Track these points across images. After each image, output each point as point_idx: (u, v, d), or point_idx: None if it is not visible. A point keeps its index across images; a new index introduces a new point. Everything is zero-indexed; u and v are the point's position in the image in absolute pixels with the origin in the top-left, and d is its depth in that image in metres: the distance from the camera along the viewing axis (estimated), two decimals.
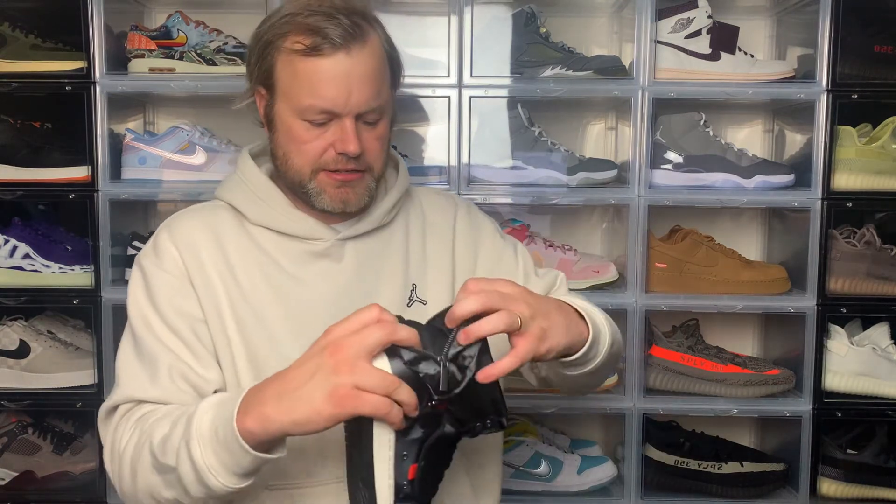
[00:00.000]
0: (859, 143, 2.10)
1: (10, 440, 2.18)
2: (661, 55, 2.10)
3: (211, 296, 1.30)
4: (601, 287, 2.15)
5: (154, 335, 1.28)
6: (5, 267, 2.12)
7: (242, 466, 1.08)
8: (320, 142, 1.28)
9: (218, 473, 1.08)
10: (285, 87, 1.28)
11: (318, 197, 1.31)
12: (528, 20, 2.13)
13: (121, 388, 1.28)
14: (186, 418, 1.12)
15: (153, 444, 1.15)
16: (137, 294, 1.31)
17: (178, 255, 1.31)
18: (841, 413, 2.13)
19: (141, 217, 2.33)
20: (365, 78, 1.26)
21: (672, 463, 2.19)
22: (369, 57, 1.27)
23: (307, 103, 1.26)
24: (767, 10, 2.33)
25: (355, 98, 1.25)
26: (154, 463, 1.15)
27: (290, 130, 1.29)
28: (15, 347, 2.13)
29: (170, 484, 1.14)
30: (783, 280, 2.17)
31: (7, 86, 2.06)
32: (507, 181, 2.14)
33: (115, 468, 1.23)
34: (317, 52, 1.23)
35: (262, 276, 1.32)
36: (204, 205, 1.41)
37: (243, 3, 2.26)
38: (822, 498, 2.15)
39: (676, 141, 2.15)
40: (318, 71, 1.24)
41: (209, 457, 1.08)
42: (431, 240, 1.43)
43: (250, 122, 1.43)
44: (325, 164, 1.29)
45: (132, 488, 1.20)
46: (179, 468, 1.11)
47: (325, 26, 1.23)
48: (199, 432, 1.09)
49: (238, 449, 1.06)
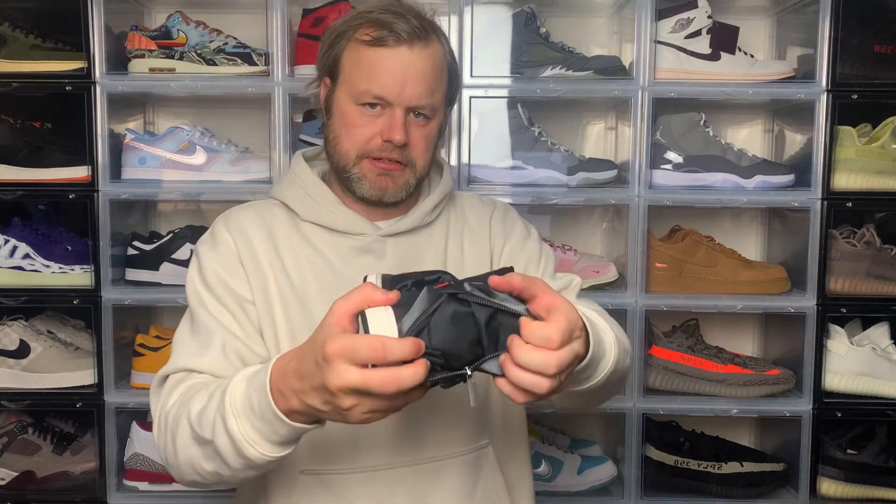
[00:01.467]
0: (859, 143, 2.10)
1: (10, 440, 2.18)
2: (661, 55, 2.10)
3: (260, 280, 1.35)
4: (601, 287, 2.15)
5: (208, 312, 1.33)
6: (5, 267, 2.12)
7: (280, 435, 1.08)
8: (370, 128, 1.33)
9: (256, 443, 1.08)
10: (347, 73, 1.35)
11: (359, 183, 1.36)
12: (528, 20, 2.14)
13: (172, 359, 1.32)
14: (221, 391, 1.14)
15: (191, 416, 1.16)
16: (194, 277, 1.37)
17: (231, 240, 1.38)
18: (841, 413, 2.13)
19: (141, 217, 2.33)
20: (421, 74, 1.32)
21: (672, 463, 2.19)
22: (429, 57, 1.33)
23: (364, 88, 1.32)
24: (767, 10, 2.33)
25: (409, 91, 1.31)
26: (193, 435, 1.17)
27: (345, 114, 1.35)
28: (15, 347, 2.13)
29: (209, 456, 1.16)
30: (783, 280, 2.17)
31: (7, 86, 2.06)
32: (507, 181, 2.14)
33: (160, 438, 1.25)
34: (381, 43, 1.31)
35: (310, 267, 1.37)
36: (259, 201, 1.48)
37: (243, 3, 2.26)
38: (822, 498, 2.15)
39: (676, 141, 2.14)
40: (378, 59, 1.31)
41: (246, 428, 1.08)
42: (469, 242, 1.48)
43: (250, 122, 1.45)
44: (370, 150, 1.34)
45: (174, 459, 1.21)
46: (216, 440, 1.12)
47: (393, 21, 1.31)
48: (233, 405, 1.09)
49: (274, 418, 1.06)
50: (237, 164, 2.13)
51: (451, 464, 1.36)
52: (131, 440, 2.16)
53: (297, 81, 2.07)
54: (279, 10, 2.05)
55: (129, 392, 2.13)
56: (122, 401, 2.11)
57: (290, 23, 2.10)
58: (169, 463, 1.24)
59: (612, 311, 2.11)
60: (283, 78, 2.06)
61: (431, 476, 1.34)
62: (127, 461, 2.16)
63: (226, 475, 1.17)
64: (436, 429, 1.35)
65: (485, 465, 1.40)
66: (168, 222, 2.35)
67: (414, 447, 1.33)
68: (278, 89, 2.05)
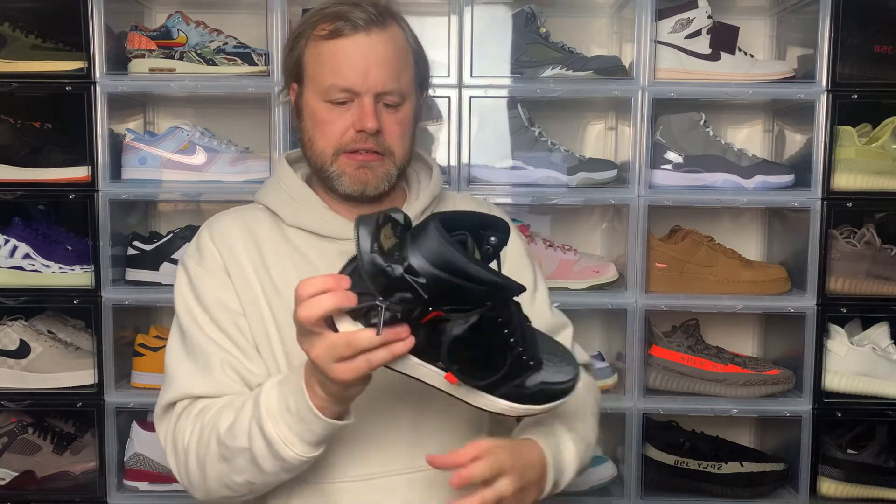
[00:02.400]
0: (859, 143, 2.10)
1: (10, 440, 2.18)
2: (661, 55, 2.10)
3: (248, 291, 1.35)
4: (601, 287, 2.15)
5: (202, 331, 1.32)
6: (5, 267, 2.12)
7: (315, 434, 1.15)
8: (341, 122, 1.33)
9: (292, 444, 1.16)
10: (311, 71, 1.35)
11: (339, 179, 1.36)
12: (528, 20, 2.13)
13: (174, 384, 1.32)
14: (252, 400, 1.19)
15: (220, 434, 1.21)
16: (184, 292, 1.36)
17: (216, 252, 1.37)
18: (841, 413, 2.13)
19: (141, 217, 2.33)
20: (384, 59, 1.32)
21: (672, 463, 2.19)
22: (389, 41, 1.33)
23: (329, 82, 1.32)
24: (767, 10, 2.33)
25: (373, 77, 1.31)
26: (222, 452, 1.21)
27: (315, 113, 1.35)
28: (15, 347, 2.13)
29: (240, 469, 1.20)
30: (783, 280, 2.17)
31: (7, 86, 2.06)
32: (507, 181, 2.14)
33: (179, 464, 1.28)
34: (338, 34, 1.31)
35: (296, 274, 1.34)
36: (244, 207, 1.46)
37: (243, 3, 2.26)
38: (822, 498, 2.15)
39: (676, 141, 2.14)
40: (338, 51, 1.31)
41: (282, 429, 1.15)
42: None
43: (250, 122, 1.45)
44: (345, 144, 1.34)
45: (201, 480, 1.25)
46: (252, 446, 1.17)
47: (347, 11, 1.31)
48: (268, 409, 1.16)
49: (311, 417, 1.14)
50: (237, 164, 2.13)
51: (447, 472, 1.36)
52: (131, 440, 2.16)
53: None
54: (279, 10, 2.05)
55: (129, 392, 2.13)
56: (122, 401, 2.11)
57: (290, 23, 2.10)
58: (193, 485, 1.28)
59: (613, 311, 2.13)
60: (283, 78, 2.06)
61: (427, 483, 1.34)
62: (127, 461, 2.16)
63: (258, 483, 1.22)
64: (431, 436, 1.34)
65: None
66: (168, 222, 2.35)
67: (409, 455, 1.33)
68: (278, 89, 2.05)
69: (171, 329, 1.38)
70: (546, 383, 1.11)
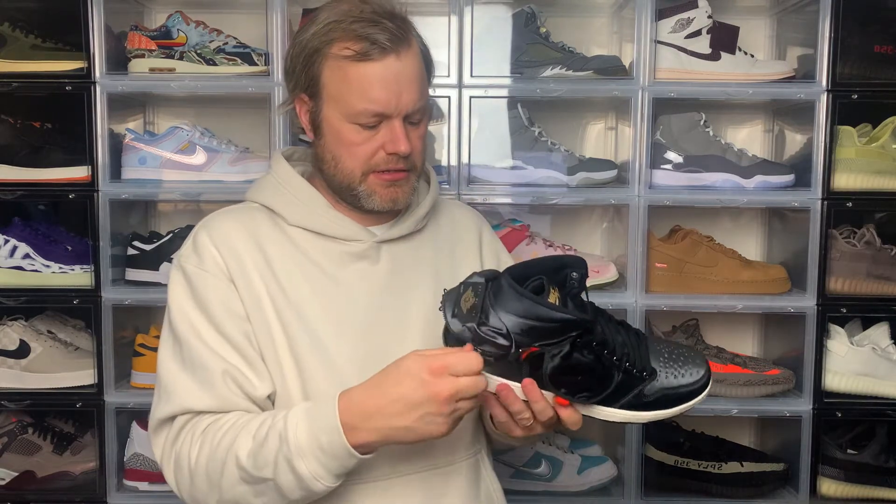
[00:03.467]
0: (859, 143, 2.10)
1: (10, 440, 2.18)
2: (661, 55, 2.10)
3: (253, 295, 1.32)
4: (601, 287, 2.15)
5: (202, 341, 1.28)
6: (5, 267, 2.12)
7: (346, 468, 1.19)
8: (371, 144, 1.31)
9: (323, 479, 1.19)
10: (334, 92, 1.30)
11: (369, 198, 1.34)
12: (528, 20, 2.13)
13: (172, 398, 1.29)
14: (277, 434, 1.19)
15: (240, 460, 1.20)
16: (181, 299, 1.32)
17: (218, 256, 1.33)
18: (841, 413, 2.13)
19: (141, 217, 2.33)
20: (412, 79, 1.30)
21: (672, 463, 2.19)
22: (414, 58, 1.31)
23: (360, 108, 1.29)
24: (767, 10, 2.33)
25: (405, 99, 1.29)
26: (243, 476, 1.21)
27: (340, 134, 1.31)
28: (15, 347, 2.13)
29: (261, 492, 1.22)
30: (783, 280, 2.17)
31: (7, 86, 2.06)
32: (507, 181, 2.14)
33: (183, 481, 1.27)
34: (367, 57, 1.27)
35: (302, 276, 1.34)
36: (238, 206, 1.43)
37: (243, 3, 2.26)
38: (822, 498, 2.15)
39: (676, 141, 2.15)
40: (369, 75, 1.27)
41: (314, 466, 1.18)
42: (460, 248, 1.48)
43: (250, 122, 1.44)
44: (375, 165, 1.32)
45: (211, 496, 1.25)
46: (279, 479, 1.19)
47: (372, 32, 1.27)
48: (297, 447, 1.17)
49: (346, 455, 1.17)
50: (237, 164, 2.13)
51: (458, 468, 1.37)
52: (131, 440, 2.16)
53: None
54: (279, 10, 2.05)
55: (129, 392, 2.13)
56: (122, 401, 2.11)
57: (290, 23, 2.10)
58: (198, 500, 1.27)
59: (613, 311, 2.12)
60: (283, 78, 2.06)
61: (440, 482, 1.35)
62: (127, 461, 2.16)
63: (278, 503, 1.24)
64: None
65: (482, 468, 1.42)
66: (168, 222, 2.35)
67: (423, 455, 1.33)
68: (278, 89, 2.05)
69: (163, 335, 1.34)
70: (667, 388, 1.21)
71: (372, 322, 1.34)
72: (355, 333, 1.32)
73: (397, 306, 1.37)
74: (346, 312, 1.34)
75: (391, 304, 1.36)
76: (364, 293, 1.36)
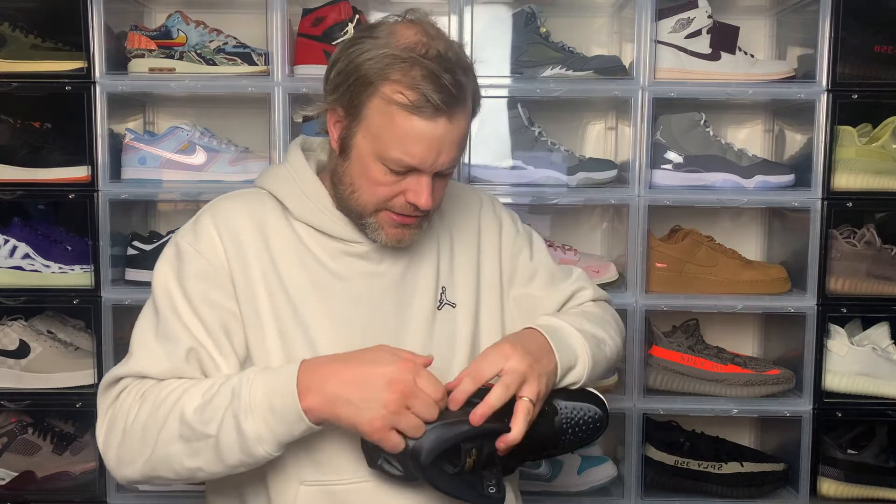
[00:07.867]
0: (859, 143, 2.10)
1: (10, 440, 2.18)
2: (661, 55, 2.10)
3: (249, 286, 1.31)
4: (601, 287, 2.14)
5: (178, 318, 1.29)
6: (5, 267, 2.12)
7: (293, 435, 1.19)
8: (394, 188, 1.29)
9: (266, 443, 1.18)
10: (375, 129, 1.26)
11: (375, 232, 1.33)
12: (528, 20, 2.13)
13: (131, 361, 1.29)
14: (230, 389, 1.18)
15: (185, 414, 1.19)
16: (167, 273, 1.32)
17: (218, 241, 1.33)
18: (841, 413, 2.13)
19: (141, 217, 2.33)
20: (455, 141, 1.28)
21: (672, 463, 2.19)
22: (463, 119, 1.28)
23: (395, 156, 1.25)
24: (767, 10, 2.33)
25: (442, 159, 1.27)
26: (183, 432, 1.19)
27: (368, 169, 1.29)
28: (15, 347, 2.13)
29: (195, 452, 1.20)
30: (783, 280, 2.17)
31: (7, 86, 2.06)
32: (507, 181, 2.14)
33: (112, 439, 1.25)
34: (418, 112, 1.23)
35: (303, 270, 1.34)
36: (248, 191, 1.42)
37: (243, 3, 2.26)
38: (822, 498, 2.15)
39: (676, 141, 2.15)
40: (414, 129, 1.24)
41: (260, 427, 1.17)
42: (459, 243, 1.47)
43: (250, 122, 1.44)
44: (391, 206, 1.31)
45: (140, 456, 1.22)
46: (221, 436, 1.17)
47: (430, 89, 1.21)
48: (249, 404, 1.17)
49: (296, 419, 1.17)
50: (237, 164, 2.13)
51: None
52: None
53: (297, 81, 2.07)
54: (279, 10, 2.05)
55: None
56: None
57: (290, 23, 2.10)
58: (123, 461, 1.24)
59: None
60: (283, 78, 2.06)
61: None
62: None
63: (206, 472, 1.21)
64: None
65: None
66: (168, 222, 2.35)
67: None
68: (278, 89, 2.05)
69: (147, 304, 1.34)
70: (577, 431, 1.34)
71: (370, 321, 1.35)
72: (352, 334, 1.32)
73: (397, 306, 1.37)
74: (345, 311, 1.34)
75: (392, 306, 1.36)
76: (365, 293, 1.36)
